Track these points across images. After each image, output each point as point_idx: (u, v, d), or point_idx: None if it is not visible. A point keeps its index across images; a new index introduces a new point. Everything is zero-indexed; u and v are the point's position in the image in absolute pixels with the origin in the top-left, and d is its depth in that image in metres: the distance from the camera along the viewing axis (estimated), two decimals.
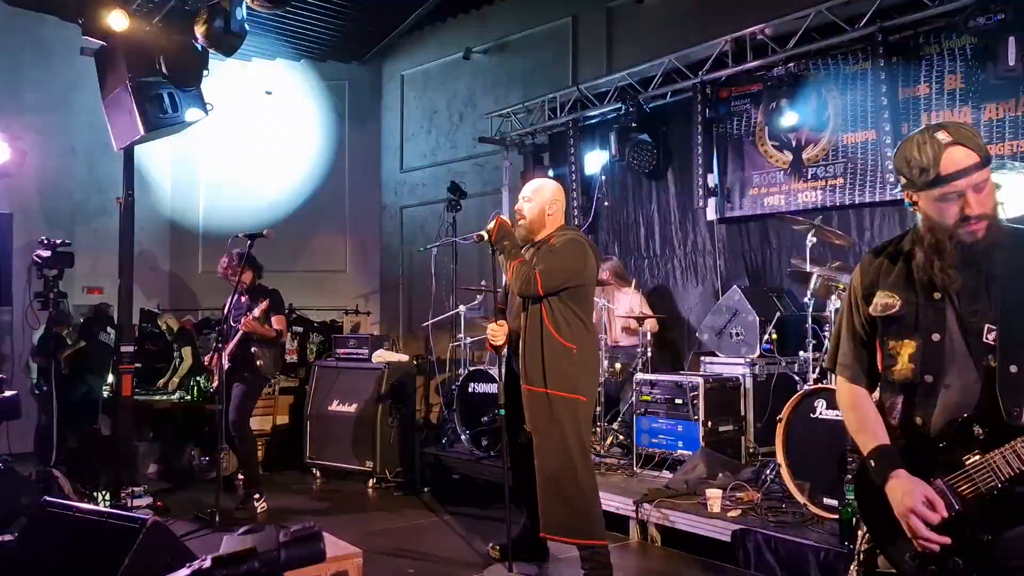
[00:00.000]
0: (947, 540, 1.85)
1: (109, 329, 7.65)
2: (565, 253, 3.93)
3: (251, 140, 9.65)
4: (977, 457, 1.87)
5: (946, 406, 1.95)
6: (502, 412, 4.11)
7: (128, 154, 5.80)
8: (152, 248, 9.17)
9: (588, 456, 3.96)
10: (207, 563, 1.02)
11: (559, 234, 4.06)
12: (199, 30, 4.82)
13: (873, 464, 2.00)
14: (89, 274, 8.27)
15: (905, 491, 1.90)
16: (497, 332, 4.10)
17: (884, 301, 2.04)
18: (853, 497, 3.79)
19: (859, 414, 2.13)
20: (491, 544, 4.58)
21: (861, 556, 2.16)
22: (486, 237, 4.04)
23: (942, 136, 1.89)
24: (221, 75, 7.11)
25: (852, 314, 2.17)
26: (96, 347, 7.49)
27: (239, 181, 9.59)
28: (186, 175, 9.73)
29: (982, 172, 1.88)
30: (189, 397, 7.54)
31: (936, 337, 1.96)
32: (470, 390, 6.39)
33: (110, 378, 7.46)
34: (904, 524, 1.90)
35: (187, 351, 7.99)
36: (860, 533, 2.21)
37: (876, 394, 2.18)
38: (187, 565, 1.03)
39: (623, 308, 6.35)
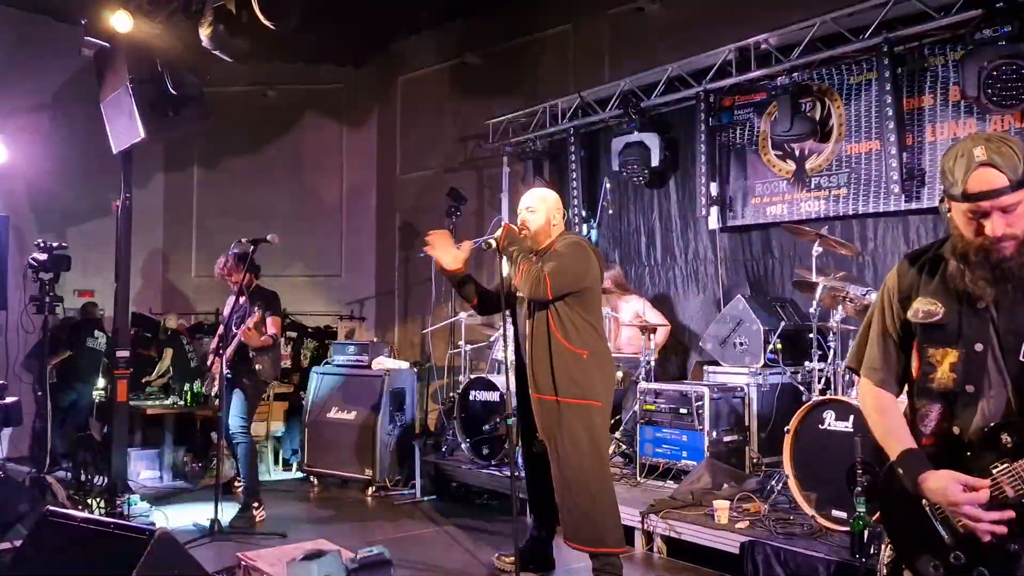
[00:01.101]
0: (1011, 513, 1.82)
1: (96, 333, 7.56)
2: (569, 255, 3.92)
3: (247, 143, 9.57)
4: (1005, 465, 1.86)
5: (984, 416, 1.93)
6: (510, 421, 4.06)
7: (126, 156, 5.73)
8: (145, 251, 9.06)
9: (603, 462, 3.90)
10: None
11: (561, 240, 4.07)
12: (204, 32, 4.76)
13: (902, 470, 1.98)
14: (79, 277, 8.16)
15: (941, 487, 1.88)
16: (437, 240, 4.05)
17: (926, 308, 2.01)
18: (864, 510, 3.80)
19: (885, 418, 2.11)
20: (496, 554, 4.53)
21: (884, 570, 2.14)
22: (494, 245, 4.01)
23: (978, 153, 1.86)
24: (219, 77, 7.03)
25: (884, 316, 2.13)
26: (84, 353, 7.39)
27: (234, 184, 9.51)
28: (180, 177, 9.63)
29: (1013, 195, 1.84)
30: (182, 402, 7.44)
31: (979, 347, 1.93)
32: (471, 398, 6.32)
33: (100, 382, 7.38)
34: (962, 520, 1.87)
35: (167, 352, 7.92)
36: (883, 546, 2.19)
37: (903, 398, 2.16)
38: None
39: (627, 316, 6.31)
